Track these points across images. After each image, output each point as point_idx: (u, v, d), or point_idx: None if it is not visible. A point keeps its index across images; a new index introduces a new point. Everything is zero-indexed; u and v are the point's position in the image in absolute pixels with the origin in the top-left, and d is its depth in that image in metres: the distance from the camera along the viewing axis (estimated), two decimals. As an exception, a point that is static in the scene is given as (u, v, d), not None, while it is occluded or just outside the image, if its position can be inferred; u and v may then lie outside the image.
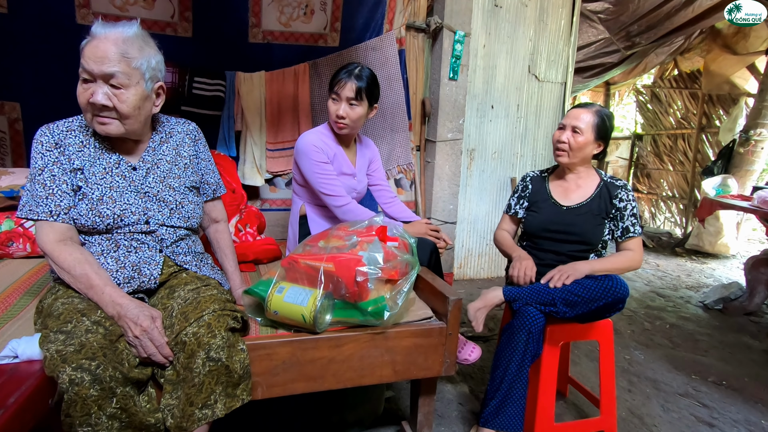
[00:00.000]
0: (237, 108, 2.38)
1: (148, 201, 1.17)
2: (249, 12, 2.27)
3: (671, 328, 2.76)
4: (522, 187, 1.73)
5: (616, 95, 6.78)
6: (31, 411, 0.86)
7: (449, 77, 2.68)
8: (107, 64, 1.04)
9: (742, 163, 4.29)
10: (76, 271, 1.05)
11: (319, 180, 1.60)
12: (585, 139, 1.54)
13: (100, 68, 1.04)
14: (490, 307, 1.53)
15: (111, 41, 1.05)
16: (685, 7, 3.68)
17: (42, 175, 1.09)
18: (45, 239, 1.08)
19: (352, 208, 1.62)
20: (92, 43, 1.05)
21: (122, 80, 1.07)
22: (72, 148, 1.12)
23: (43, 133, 1.11)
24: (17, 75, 2.08)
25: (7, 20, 2.00)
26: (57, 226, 1.09)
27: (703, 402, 1.94)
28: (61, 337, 0.92)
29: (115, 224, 1.13)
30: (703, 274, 4.02)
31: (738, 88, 4.69)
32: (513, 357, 1.41)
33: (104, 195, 1.12)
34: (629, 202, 1.56)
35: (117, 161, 1.17)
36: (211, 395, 0.98)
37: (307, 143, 1.62)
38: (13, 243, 1.63)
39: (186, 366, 0.99)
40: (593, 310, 1.40)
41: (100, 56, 1.04)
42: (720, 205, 3.20)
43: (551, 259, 1.61)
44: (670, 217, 5.82)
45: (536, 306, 1.44)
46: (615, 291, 1.37)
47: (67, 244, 1.08)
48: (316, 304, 1.14)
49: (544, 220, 1.62)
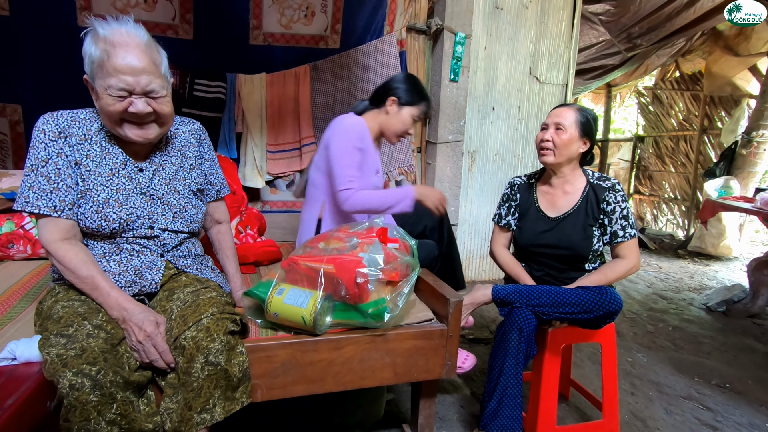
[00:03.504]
0: (238, 110, 2.39)
1: (153, 204, 1.15)
2: (250, 14, 2.28)
3: (674, 331, 2.75)
4: (510, 196, 1.67)
5: (617, 97, 6.78)
6: (29, 413, 0.85)
7: (450, 79, 2.68)
8: (144, 76, 1.02)
9: (744, 165, 4.28)
10: (83, 272, 1.03)
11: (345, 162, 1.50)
12: (569, 136, 1.48)
13: (139, 82, 1.01)
14: (477, 305, 1.53)
15: (138, 49, 1.02)
16: (687, 9, 3.68)
17: (46, 167, 1.05)
18: (49, 237, 1.04)
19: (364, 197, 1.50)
20: (118, 54, 0.99)
21: (158, 86, 1.05)
22: (75, 139, 1.09)
23: (46, 120, 1.06)
24: (18, 77, 2.08)
25: (9, 22, 2.00)
26: (61, 222, 1.05)
27: (706, 405, 1.93)
28: (62, 341, 0.91)
29: (120, 229, 1.10)
30: (705, 276, 4.00)
31: (740, 90, 4.68)
32: (507, 357, 1.40)
33: (110, 198, 1.09)
34: (617, 204, 1.48)
35: (123, 162, 1.13)
36: (210, 399, 0.97)
37: (354, 125, 1.56)
38: (14, 245, 1.63)
39: (185, 370, 0.98)
40: (582, 320, 1.40)
41: (137, 69, 1.01)
42: (722, 207, 3.19)
43: (546, 272, 1.59)
44: (673, 219, 5.80)
45: (527, 308, 1.42)
46: (607, 305, 1.37)
47: (72, 243, 1.06)
48: (316, 306, 1.14)
49: (533, 234, 1.58)
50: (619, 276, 1.47)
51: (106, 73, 1.00)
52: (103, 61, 1.00)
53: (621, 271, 1.47)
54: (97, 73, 1.02)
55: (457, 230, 3.03)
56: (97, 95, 1.04)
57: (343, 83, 2.48)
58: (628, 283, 3.71)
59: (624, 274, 1.48)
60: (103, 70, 1.00)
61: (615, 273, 1.47)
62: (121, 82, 1.01)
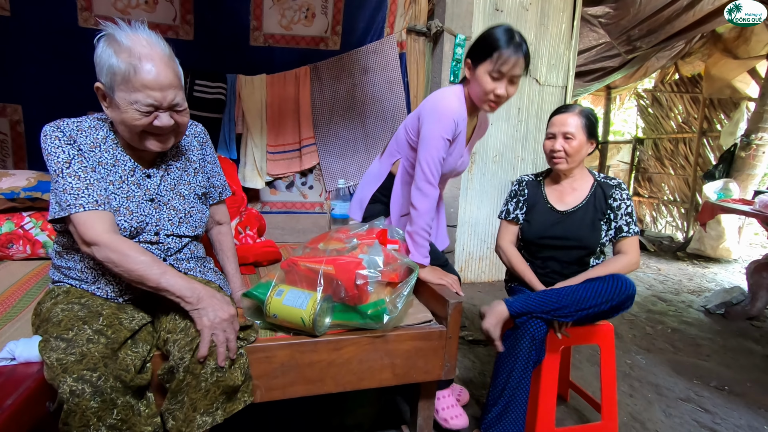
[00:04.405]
0: (238, 111, 2.39)
1: (160, 211, 1.14)
2: (250, 15, 2.28)
3: (673, 333, 2.75)
4: (518, 192, 1.69)
5: (617, 99, 6.79)
6: (28, 413, 0.86)
7: (450, 81, 2.68)
8: (170, 91, 1.02)
9: (743, 167, 4.28)
10: (144, 256, 1.01)
11: (431, 154, 1.39)
12: (579, 142, 1.53)
13: (166, 98, 1.02)
14: (503, 321, 1.46)
15: (163, 63, 1.01)
16: (686, 12, 3.68)
17: (72, 167, 1.02)
18: (99, 229, 0.99)
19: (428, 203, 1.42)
20: (144, 68, 0.98)
21: (180, 98, 1.06)
22: (86, 147, 1.07)
23: (53, 129, 1.04)
24: (19, 77, 2.08)
25: (10, 23, 2.01)
26: (105, 215, 1.02)
27: (705, 407, 1.93)
28: (62, 345, 0.91)
29: (129, 237, 1.09)
30: (704, 278, 4.01)
31: (739, 92, 4.69)
32: (516, 364, 1.40)
33: (121, 206, 1.08)
34: (623, 201, 1.55)
35: (132, 168, 1.12)
36: (214, 403, 0.99)
37: (447, 110, 1.40)
38: (13, 245, 1.63)
39: (192, 371, 0.98)
40: (604, 310, 1.40)
41: (164, 85, 1.01)
42: (721, 209, 3.19)
43: (552, 266, 1.60)
44: (672, 221, 5.81)
45: (542, 316, 1.41)
46: (623, 290, 1.38)
47: (120, 235, 1.03)
48: (316, 307, 1.14)
49: (541, 227, 1.60)
50: (620, 270, 1.50)
51: (133, 88, 0.99)
52: (129, 76, 0.98)
53: (622, 265, 1.51)
54: (119, 86, 0.99)
55: (457, 231, 3.03)
56: (117, 107, 1.02)
57: (343, 84, 2.48)
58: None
59: (625, 268, 1.51)
60: (129, 85, 0.99)
61: (616, 267, 1.50)
62: (149, 98, 1.00)
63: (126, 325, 1.03)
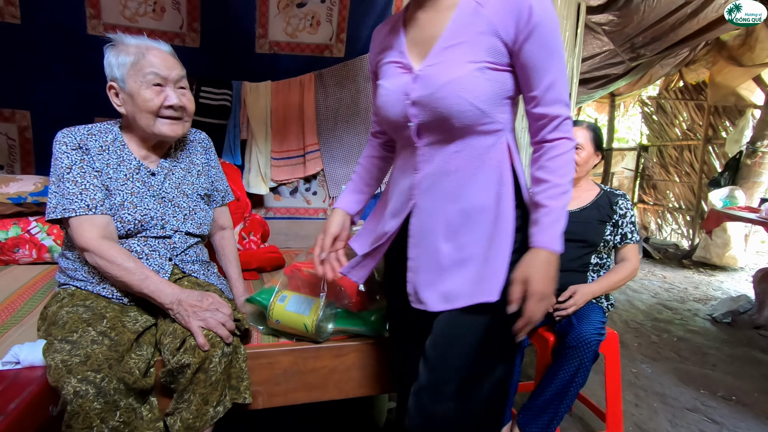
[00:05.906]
0: (243, 117, 2.41)
1: (165, 206, 1.19)
2: (256, 23, 2.31)
3: (679, 342, 2.72)
4: None
5: (621, 106, 6.78)
6: (31, 417, 0.86)
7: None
8: (176, 69, 1.15)
9: (749, 175, 4.26)
10: (130, 263, 1.05)
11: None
12: (587, 154, 1.63)
13: (173, 73, 1.14)
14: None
15: (167, 52, 1.16)
16: (690, 19, 3.68)
17: (71, 173, 1.09)
18: (88, 235, 1.05)
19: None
20: (153, 53, 1.12)
21: (185, 83, 1.18)
22: (94, 150, 1.13)
23: (65, 135, 1.12)
24: (28, 84, 2.12)
25: (20, 30, 2.04)
26: (97, 219, 1.07)
27: (711, 417, 1.90)
28: (66, 347, 0.92)
29: (135, 230, 1.14)
30: (710, 286, 3.97)
31: (744, 100, 4.67)
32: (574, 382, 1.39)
33: (125, 200, 1.13)
34: (628, 210, 1.61)
35: (137, 166, 1.18)
36: (223, 392, 1.02)
37: None
38: (20, 249, 1.64)
39: (198, 368, 0.99)
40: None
41: (171, 65, 1.14)
42: (727, 217, 3.17)
43: None
44: (677, 229, 5.77)
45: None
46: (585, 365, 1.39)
47: (110, 241, 1.08)
48: (319, 313, 1.14)
49: None
50: (624, 278, 1.57)
51: (141, 67, 1.10)
52: (137, 61, 1.10)
53: (625, 274, 1.58)
54: (129, 72, 1.10)
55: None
56: (130, 95, 1.11)
57: (347, 91, 2.50)
58: (632, 292, 3.68)
59: (628, 276, 1.58)
60: (138, 67, 1.10)
61: (619, 276, 1.58)
62: (157, 70, 1.11)
63: (129, 328, 1.04)
